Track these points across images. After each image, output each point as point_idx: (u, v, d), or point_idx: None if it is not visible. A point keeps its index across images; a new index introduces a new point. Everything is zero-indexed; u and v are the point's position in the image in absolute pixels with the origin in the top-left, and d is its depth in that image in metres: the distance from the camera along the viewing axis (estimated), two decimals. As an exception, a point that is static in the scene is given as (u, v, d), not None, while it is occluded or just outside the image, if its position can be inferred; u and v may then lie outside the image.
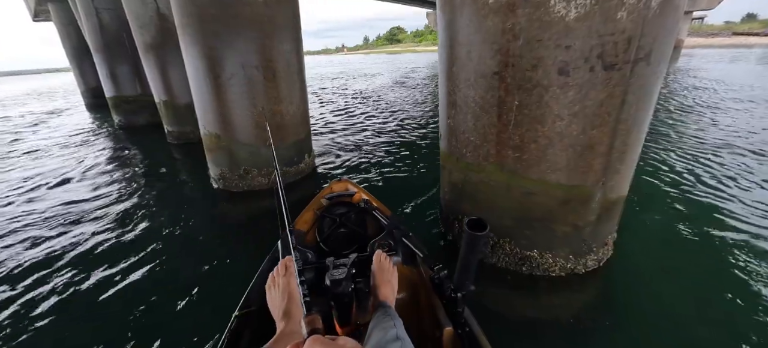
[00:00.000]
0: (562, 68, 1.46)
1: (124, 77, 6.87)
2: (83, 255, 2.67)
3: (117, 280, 2.35)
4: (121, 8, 5.48)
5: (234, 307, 1.37)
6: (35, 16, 12.04)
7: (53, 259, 2.63)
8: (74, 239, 2.90)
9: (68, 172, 4.71)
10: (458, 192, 2.23)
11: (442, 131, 2.30)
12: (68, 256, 2.66)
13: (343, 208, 2.05)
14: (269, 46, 3.16)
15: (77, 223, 3.18)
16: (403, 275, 1.52)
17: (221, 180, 3.64)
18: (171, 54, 5.09)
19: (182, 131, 5.67)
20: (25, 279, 2.39)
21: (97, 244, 2.81)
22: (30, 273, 2.46)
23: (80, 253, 2.69)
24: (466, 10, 1.64)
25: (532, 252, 2.02)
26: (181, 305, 2.10)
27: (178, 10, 3.03)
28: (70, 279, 2.39)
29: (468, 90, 1.79)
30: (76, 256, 2.65)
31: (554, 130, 1.59)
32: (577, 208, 1.82)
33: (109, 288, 2.28)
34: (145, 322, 1.99)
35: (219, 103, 3.24)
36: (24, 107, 12.80)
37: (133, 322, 1.99)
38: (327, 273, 1.10)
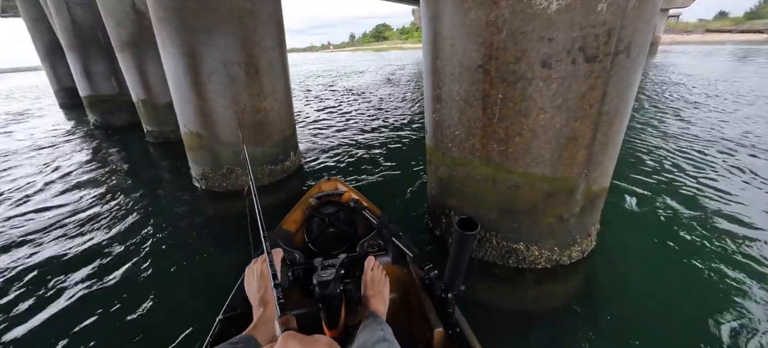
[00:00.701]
0: (545, 61, 1.47)
1: (99, 76, 6.60)
2: (60, 259, 2.55)
3: (96, 285, 2.26)
4: (94, 3, 5.26)
5: (218, 310, 1.33)
6: (2, 12, 11.43)
7: (28, 265, 2.50)
8: (51, 243, 2.77)
9: (43, 175, 4.50)
10: (445, 187, 2.22)
11: (427, 126, 2.29)
12: (44, 261, 2.54)
13: (333, 208, 2.02)
14: (251, 42, 3.08)
15: (53, 228, 3.03)
16: (393, 275, 1.51)
17: (203, 180, 3.54)
18: (148, 51, 4.91)
19: (162, 130, 5.50)
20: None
21: (76, 247, 2.69)
22: (3, 281, 2.34)
23: (57, 257, 2.57)
24: (449, 3, 1.63)
25: (519, 245, 2.04)
26: (164, 309, 2.04)
27: (154, 4, 2.92)
28: (46, 284, 2.27)
29: (453, 84, 1.79)
30: (53, 261, 2.53)
31: (538, 123, 1.60)
32: (562, 200, 1.84)
33: (88, 292, 2.19)
34: (126, 326, 1.91)
35: (200, 101, 3.14)
36: (-8, 108, 12.15)
37: (113, 327, 1.91)
38: (314, 274, 1.07)
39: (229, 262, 2.44)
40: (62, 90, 10.23)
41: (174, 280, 2.29)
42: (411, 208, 3.04)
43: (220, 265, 2.43)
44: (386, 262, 1.55)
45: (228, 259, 2.50)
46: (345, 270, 1.11)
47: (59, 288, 2.25)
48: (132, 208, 3.32)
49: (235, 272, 1.74)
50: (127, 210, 3.29)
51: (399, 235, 1.60)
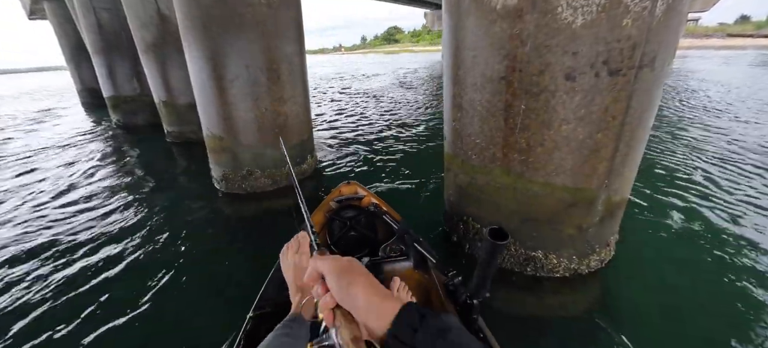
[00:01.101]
0: (568, 74, 1.49)
1: (122, 77, 6.83)
2: (83, 256, 2.66)
3: (119, 283, 2.35)
4: (120, 7, 5.46)
5: (239, 308, 1.39)
6: (31, 15, 11.93)
7: (53, 262, 2.62)
8: (74, 241, 2.89)
9: (68, 173, 4.69)
10: (463, 194, 2.25)
11: (446, 134, 2.33)
12: (67, 258, 2.65)
13: (353, 212, 2.07)
14: (273, 48, 3.17)
15: (77, 226, 3.17)
16: (415, 281, 1.54)
17: (224, 181, 3.64)
18: (171, 54, 5.07)
19: (182, 131, 5.66)
20: (23, 283, 2.38)
21: (98, 244, 2.80)
22: (27, 277, 2.45)
23: (81, 254, 2.68)
24: (472, 15, 1.66)
25: (537, 253, 2.06)
26: (185, 306, 2.11)
27: (181, 11, 3.03)
28: (70, 281, 2.38)
29: (474, 94, 1.82)
30: (76, 258, 2.64)
31: (560, 134, 1.62)
32: (582, 210, 1.85)
33: (110, 289, 2.28)
34: (151, 324, 1.99)
35: (222, 105, 3.24)
36: (19, 106, 12.65)
37: (138, 326, 1.98)
38: None
39: (249, 262, 2.52)
40: (85, 90, 10.60)
41: (197, 278, 2.37)
42: (426, 213, 3.07)
43: (240, 265, 2.50)
44: (408, 266, 1.59)
45: (248, 259, 2.58)
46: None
47: (81, 284, 2.35)
48: (154, 208, 3.44)
49: (256, 272, 1.81)
50: (150, 209, 3.41)
51: (420, 241, 1.63)
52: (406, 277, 1.53)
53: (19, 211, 3.54)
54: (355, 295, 0.48)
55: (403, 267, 1.58)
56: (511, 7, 1.49)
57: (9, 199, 3.88)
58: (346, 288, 0.48)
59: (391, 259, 1.60)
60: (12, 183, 4.40)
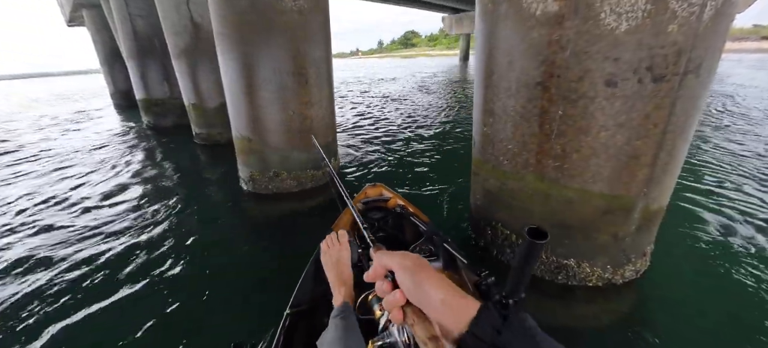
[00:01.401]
0: (609, 80, 1.48)
1: (153, 81, 7.15)
2: (116, 253, 2.79)
3: (147, 280, 2.43)
4: (154, 15, 5.74)
5: (269, 304, 1.41)
6: (70, 22, 12.66)
7: (85, 258, 2.74)
8: (107, 238, 3.03)
9: (102, 172, 4.94)
10: (492, 199, 2.24)
11: (476, 139, 2.33)
12: (101, 254, 2.78)
13: (380, 213, 2.09)
14: (302, 53, 3.25)
15: (109, 222, 3.33)
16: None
17: (251, 182, 3.75)
18: (201, 60, 5.29)
19: (210, 133, 5.87)
20: (57, 277, 2.50)
21: (128, 241, 2.92)
22: (63, 272, 2.56)
23: (113, 251, 2.81)
24: (510, 21, 1.67)
25: (569, 261, 2.02)
26: (213, 304, 2.18)
27: (216, 19, 3.17)
28: (104, 276, 2.48)
29: (508, 99, 1.82)
30: (109, 254, 2.77)
31: (599, 141, 1.60)
32: (618, 217, 1.81)
33: (140, 286, 2.36)
34: (181, 320, 2.07)
35: (252, 108, 3.35)
36: (57, 108, 13.42)
37: (168, 322, 2.05)
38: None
39: (276, 260, 2.60)
40: (118, 93, 11.15)
41: (224, 276, 2.44)
42: (450, 218, 3.07)
43: (267, 263, 2.58)
44: (438, 267, 1.60)
45: (275, 257, 2.65)
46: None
47: (112, 280, 2.44)
48: (183, 205, 3.58)
49: (283, 270, 1.84)
50: (179, 207, 3.56)
51: (449, 241, 1.64)
52: None
53: (56, 206, 3.76)
54: (430, 292, 0.46)
55: (433, 267, 1.59)
56: (551, 14, 1.49)
57: (48, 196, 4.12)
58: (421, 285, 0.47)
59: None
60: (49, 179, 4.68)
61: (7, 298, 2.28)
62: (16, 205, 3.86)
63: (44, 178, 4.76)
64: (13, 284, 2.43)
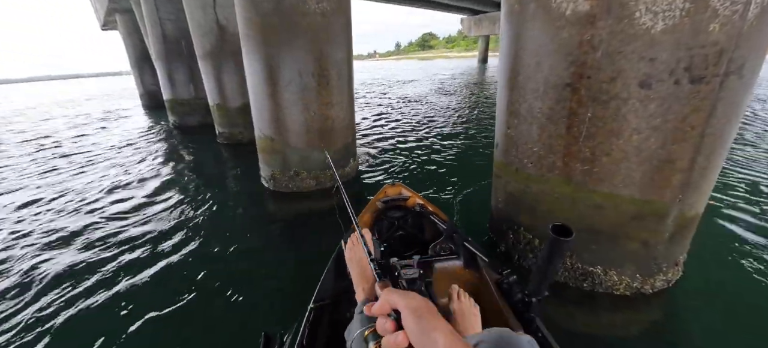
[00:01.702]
0: (643, 81, 1.43)
1: (180, 81, 7.43)
2: (143, 246, 2.89)
3: (179, 272, 2.52)
4: (182, 19, 5.97)
5: (290, 298, 1.41)
6: (104, 26, 13.33)
7: (111, 253, 2.84)
8: (135, 232, 3.16)
9: (130, 168, 5.17)
10: (515, 202, 2.20)
11: (498, 141, 2.29)
12: (128, 247, 2.89)
13: (400, 212, 2.11)
14: (325, 54, 3.30)
15: (134, 217, 3.47)
16: (465, 279, 1.54)
17: (272, 180, 3.83)
18: (226, 61, 5.46)
19: (232, 133, 6.04)
20: (83, 272, 2.59)
21: (152, 238, 3.02)
22: (89, 267, 2.64)
23: (140, 244, 2.92)
24: (538, 21, 1.64)
25: (596, 268, 1.96)
26: (245, 296, 2.23)
27: (242, 21, 3.26)
28: (132, 268, 2.58)
29: (535, 101, 1.79)
30: (135, 247, 2.88)
31: (631, 144, 1.55)
32: (650, 224, 1.74)
33: (162, 281, 2.43)
34: (209, 310, 2.13)
35: (275, 108, 3.43)
36: (90, 108, 14.16)
37: (190, 316, 2.10)
38: (398, 272, 1.14)
39: (297, 258, 2.64)
40: (146, 94, 11.64)
41: (247, 272, 2.49)
42: (469, 221, 3.04)
43: (289, 260, 2.62)
44: (458, 265, 1.60)
45: (294, 254, 2.70)
46: (422, 270, 1.18)
47: (139, 271, 2.53)
48: (207, 202, 3.70)
49: (303, 266, 1.83)
50: (203, 203, 3.67)
51: (469, 240, 1.63)
52: (457, 276, 1.54)
53: (87, 202, 3.96)
54: (436, 341, 0.43)
55: (454, 265, 1.59)
56: (582, 13, 1.45)
57: (80, 189, 4.34)
58: (428, 332, 0.44)
59: (442, 257, 1.62)
60: (82, 174, 4.94)
61: (40, 288, 2.43)
62: (52, 197, 4.09)
63: (78, 172, 5.03)
64: (43, 276, 2.58)
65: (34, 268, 2.64)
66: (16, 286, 2.45)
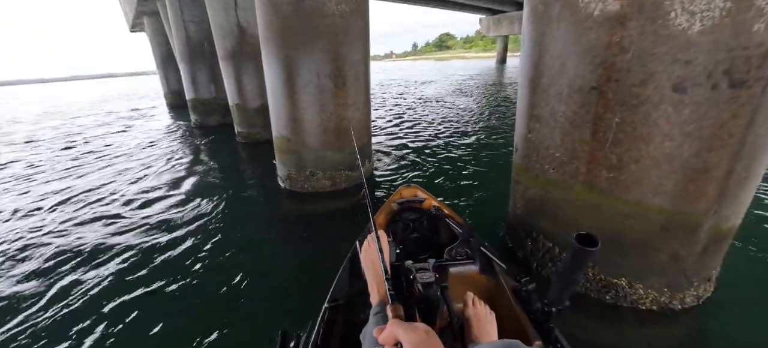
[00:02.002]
0: (677, 84, 1.34)
1: (202, 82, 7.65)
2: (160, 242, 2.97)
3: (194, 269, 2.57)
4: (205, 21, 6.15)
5: (303, 297, 1.39)
6: (132, 28, 13.91)
7: (130, 245, 2.94)
8: (152, 226, 3.26)
9: (152, 164, 5.36)
10: (534, 209, 2.13)
11: (518, 145, 2.23)
12: (145, 242, 2.97)
13: (414, 214, 2.08)
14: (342, 56, 3.31)
15: (153, 211, 3.58)
16: (481, 285, 1.50)
17: (288, 180, 3.88)
18: (245, 62, 5.58)
19: (250, 132, 6.16)
20: (91, 264, 2.69)
21: (167, 233, 3.11)
22: (99, 259, 2.74)
23: (157, 240, 3.00)
24: (563, 22, 1.58)
25: (620, 280, 1.87)
26: (260, 294, 2.26)
27: (262, 23, 3.32)
28: (139, 266, 2.63)
29: (558, 104, 1.72)
30: (153, 243, 2.96)
31: (662, 151, 1.46)
32: (681, 236, 1.64)
33: (181, 276, 2.47)
34: (225, 307, 2.16)
35: (293, 109, 3.47)
36: (119, 105, 14.81)
37: (204, 312, 2.13)
38: (414, 276, 1.13)
39: (312, 257, 2.65)
40: (170, 93, 12.07)
41: (263, 270, 2.52)
42: (485, 226, 2.97)
43: (303, 259, 2.64)
44: (474, 270, 1.55)
45: (311, 254, 2.71)
46: (437, 274, 1.16)
47: (156, 268, 2.60)
48: (224, 199, 3.78)
49: (316, 265, 1.82)
50: (220, 200, 3.75)
51: (486, 245, 1.58)
52: (472, 281, 1.50)
53: (109, 194, 4.12)
54: None
55: (469, 270, 1.55)
56: (611, 14, 1.38)
57: (104, 183, 4.53)
58: None
59: (457, 262, 1.58)
60: (107, 169, 5.15)
61: (60, 279, 2.53)
62: (77, 191, 4.29)
63: (104, 167, 5.25)
64: (61, 268, 2.69)
65: (56, 256, 2.77)
66: (42, 270, 2.57)
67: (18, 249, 2.97)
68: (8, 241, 3.13)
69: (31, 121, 11.47)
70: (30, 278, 2.55)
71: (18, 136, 8.80)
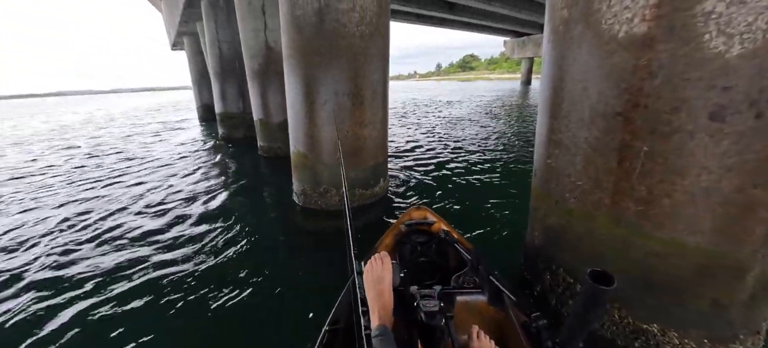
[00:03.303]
0: (715, 112, 1.22)
1: (231, 97, 8.04)
2: (173, 248, 3.05)
3: (190, 277, 2.60)
4: (237, 42, 6.49)
5: (307, 316, 1.35)
6: (173, 46, 14.97)
7: (143, 248, 3.03)
8: (163, 232, 3.36)
9: (178, 170, 5.62)
10: (554, 240, 1.99)
11: (537, 169, 2.11)
12: (155, 248, 3.05)
13: (423, 237, 2.01)
14: (361, 75, 3.35)
15: (169, 214, 3.70)
16: (489, 316, 1.40)
17: (302, 196, 3.89)
18: (271, 80, 5.81)
19: (272, 147, 6.33)
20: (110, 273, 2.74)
21: (181, 242, 3.17)
22: (118, 267, 2.80)
23: (167, 245, 3.09)
24: (585, 44, 1.50)
25: (651, 326, 1.67)
26: (261, 309, 2.24)
27: (286, 43, 3.43)
28: (148, 273, 2.68)
29: (580, 130, 1.62)
30: (160, 248, 3.03)
31: (698, 185, 1.32)
32: (723, 280, 1.46)
33: (189, 287, 2.49)
34: (228, 318, 2.15)
35: (310, 126, 3.51)
36: (151, 117, 15.80)
37: (209, 326, 2.12)
38: (418, 303, 1.06)
39: (316, 277, 2.61)
40: (202, 106, 12.75)
41: (267, 283, 2.51)
42: (500, 255, 2.82)
43: (308, 278, 2.59)
44: (482, 300, 1.45)
45: (317, 273, 2.67)
46: (443, 302, 1.08)
47: (164, 274, 2.65)
48: (239, 210, 3.87)
49: (323, 284, 1.78)
50: (235, 211, 3.84)
51: (495, 274, 1.47)
52: (480, 312, 1.40)
53: (133, 199, 4.30)
54: None
55: (477, 300, 1.45)
56: (638, 36, 1.29)
57: (133, 184, 4.74)
58: None
59: (465, 290, 1.48)
60: (138, 173, 5.41)
61: (83, 278, 2.62)
62: (111, 192, 4.51)
63: (135, 174, 5.54)
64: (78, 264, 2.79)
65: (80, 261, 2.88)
66: (68, 277, 2.67)
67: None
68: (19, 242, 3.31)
69: (100, 125, 12.44)
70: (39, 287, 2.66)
71: (80, 140, 9.53)
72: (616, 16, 1.38)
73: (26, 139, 10.78)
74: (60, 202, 4.41)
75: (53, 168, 6.42)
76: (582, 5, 1.52)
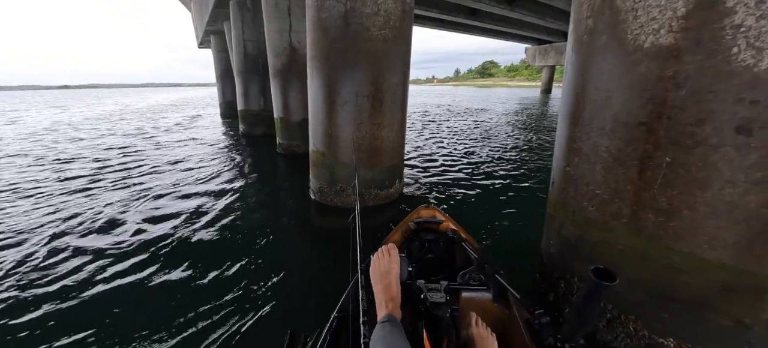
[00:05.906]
0: (742, 126, 1.21)
1: (253, 95, 8.29)
2: (190, 237, 3.19)
3: (207, 261, 2.72)
4: (262, 41, 6.70)
5: (317, 306, 1.39)
6: (200, 44, 15.53)
7: (159, 244, 3.13)
8: (182, 221, 3.51)
9: (199, 163, 5.85)
10: (570, 249, 1.98)
11: (555, 177, 2.11)
12: (169, 242, 3.15)
13: (431, 235, 2.04)
14: (381, 78, 3.42)
15: (188, 201, 3.90)
16: (493, 314, 1.42)
17: (319, 193, 3.98)
18: (292, 79, 5.97)
19: (290, 144, 6.48)
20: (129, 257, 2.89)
21: (202, 232, 3.30)
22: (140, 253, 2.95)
23: (183, 236, 3.22)
24: (610, 54, 1.50)
25: (668, 341, 1.65)
26: (275, 296, 2.34)
27: (311, 43, 3.54)
28: (163, 264, 2.79)
29: (601, 138, 1.62)
30: (175, 241, 3.15)
31: (721, 199, 1.30)
32: (746, 299, 1.43)
33: (203, 276, 2.59)
34: (241, 304, 2.24)
35: (330, 125, 3.61)
36: (174, 112, 16.40)
37: (229, 304, 2.24)
38: (424, 294, 1.09)
39: (328, 268, 2.70)
40: (225, 103, 13.17)
41: (281, 275, 2.60)
42: (515, 262, 2.81)
43: (320, 271, 2.68)
44: (486, 298, 1.48)
45: (328, 265, 2.76)
46: (449, 296, 1.11)
47: (182, 260, 2.77)
48: (257, 204, 4.04)
49: (335, 277, 1.95)
50: (253, 205, 4.02)
51: (501, 273, 1.50)
52: (484, 309, 1.43)
53: (155, 188, 4.49)
54: None
55: (482, 297, 1.48)
56: (664, 47, 1.29)
57: (151, 182, 4.96)
58: None
59: (470, 287, 1.51)
60: (157, 163, 5.65)
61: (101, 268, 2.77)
62: (135, 182, 4.74)
63: (157, 164, 5.79)
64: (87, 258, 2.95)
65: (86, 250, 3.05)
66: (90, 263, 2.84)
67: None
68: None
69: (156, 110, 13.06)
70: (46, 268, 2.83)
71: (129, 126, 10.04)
72: (642, 27, 1.38)
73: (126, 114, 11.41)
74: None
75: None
76: (608, 15, 1.53)
